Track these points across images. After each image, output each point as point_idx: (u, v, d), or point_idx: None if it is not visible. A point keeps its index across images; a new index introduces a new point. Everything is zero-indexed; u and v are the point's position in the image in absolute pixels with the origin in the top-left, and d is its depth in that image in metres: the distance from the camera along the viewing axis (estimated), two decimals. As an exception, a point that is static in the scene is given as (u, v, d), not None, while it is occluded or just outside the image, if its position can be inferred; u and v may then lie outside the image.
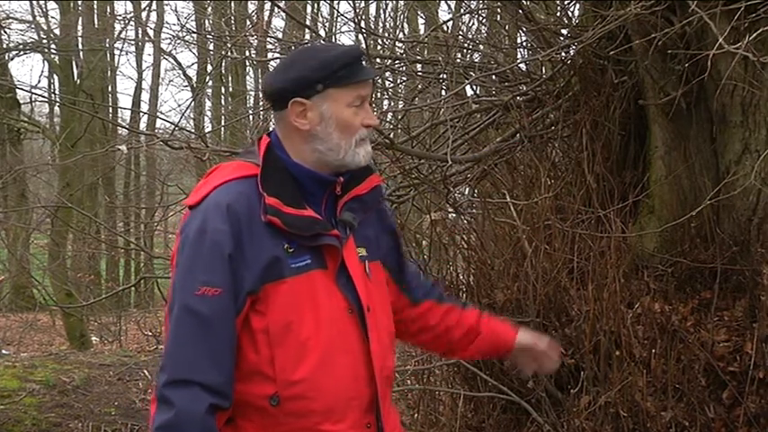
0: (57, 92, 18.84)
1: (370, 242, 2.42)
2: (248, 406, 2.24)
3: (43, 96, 19.49)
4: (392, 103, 8.23)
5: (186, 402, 2.12)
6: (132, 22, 19.80)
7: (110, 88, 20.35)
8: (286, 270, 2.22)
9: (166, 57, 19.93)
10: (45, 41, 18.66)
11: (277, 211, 2.20)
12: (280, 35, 13.22)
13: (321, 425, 2.23)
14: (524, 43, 6.38)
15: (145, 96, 21.45)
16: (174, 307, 2.20)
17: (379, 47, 7.90)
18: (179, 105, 26.34)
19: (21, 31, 18.88)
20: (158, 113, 18.20)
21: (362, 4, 10.33)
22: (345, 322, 2.28)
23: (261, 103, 15.19)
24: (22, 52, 18.43)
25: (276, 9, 13.08)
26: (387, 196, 2.52)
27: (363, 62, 2.34)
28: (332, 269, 2.28)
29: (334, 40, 11.57)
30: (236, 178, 2.27)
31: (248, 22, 12.34)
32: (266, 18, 14.60)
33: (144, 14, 20.40)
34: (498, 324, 2.72)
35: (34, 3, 18.36)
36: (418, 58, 6.39)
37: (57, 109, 19.78)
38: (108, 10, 19.11)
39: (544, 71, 5.79)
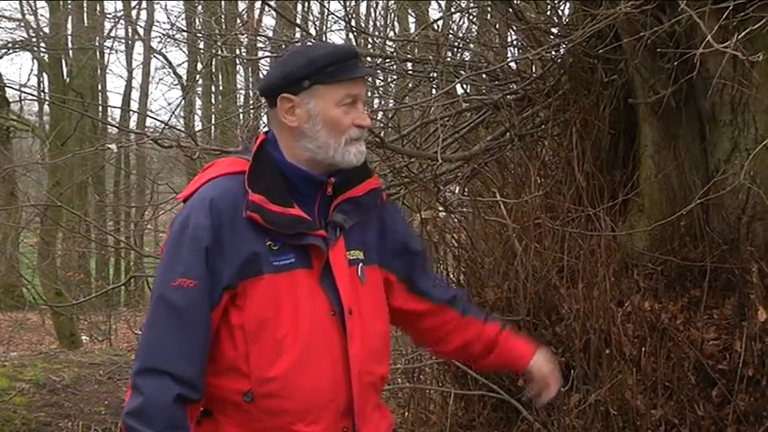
0: (46, 90, 18.79)
1: (368, 245, 2.40)
2: (224, 401, 2.25)
3: (33, 95, 19.44)
4: (382, 102, 8.23)
5: (154, 391, 2.15)
6: (122, 21, 19.75)
7: (100, 87, 20.27)
8: (265, 266, 2.21)
9: (156, 55, 19.87)
10: (34, 39, 18.59)
11: (259, 208, 2.20)
12: (270, 34, 13.18)
13: (294, 425, 2.23)
14: (514, 42, 6.39)
15: (135, 95, 21.39)
16: (152, 297, 2.24)
17: (369, 45, 7.89)
18: (169, 104, 26.41)
19: (10, 29, 18.78)
20: (148, 112, 18.18)
21: (353, 3, 10.32)
22: (327, 324, 2.26)
23: (251, 102, 15.20)
24: (11, 50, 18.35)
25: (266, 7, 13.05)
26: (378, 204, 2.47)
27: (355, 61, 2.31)
28: (317, 269, 2.27)
29: (324, 38, 11.56)
30: (227, 174, 2.29)
31: (238, 21, 12.33)
32: (257, 16, 14.57)
33: (134, 13, 20.36)
34: (517, 344, 2.66)
35: (23, 1, 18.33)
36: (409, 56, 6.39)
37: (46, 107, 19.70)
38: (98, 8, 19.03)
39: (534, 70, 5.79)
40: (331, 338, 2.26)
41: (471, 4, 7.25)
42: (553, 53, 5.23)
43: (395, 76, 6.92)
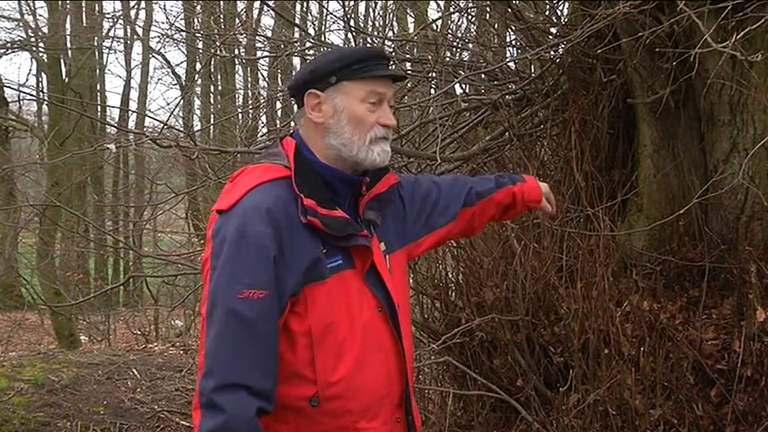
0: (45, 90, 18.78)
1: (388, 233, 2.45)
2: (284, 408, 2.24)
3: (31, 95, 19.43)
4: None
5: (236, 407, 2.10)
6: (121, 21, 19.77)
7: (98, 87, 20.29)
8: (326, 271, 2.23)
9: (155, 55, 19.91)
10: (33, 39, 18.56)
11: (315, 213, 2.22)
12: (269, 34, 13.18)
13: (357, 423, 2.27)
14: (513, 42, 6.39)
15: (134, 95, 21.47)
16: (216, 311, 2.17)
17: (368, 45, 7.89)
18: (168, 104, 26.31)
19: (8, 29, 18.80)
20: (147, 112, 18.19)
21: (352, 3, 10.34)
22: (376, 320, 2.31)
23: (250, 102, 15.19)
24: (9, 50, 18.32)
25: (265, 7, 13.06)
26: (394, 198, 2.54)
27: (383, 62, 2.35)
28: (360, 269, 2.30)
29: (323, 38, 11.55)
30: (269, 180, 2.27)
31: (237, 21, 12.32)
32: (255, 16, 14.59)
33: (132, 13, 20.41)
34: (527, 187, 2.93)
35: (22, 1, 18.29)
36: (407, 56, 6.39)
37: (45, 107, 19.73)
38: (96, 8, 19.05)
39: (533, 70, 5.80)
40: (381, 335, 2.32)
41: (470, 4, 7.24)
42: (552, 53, 5.23)
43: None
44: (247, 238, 2.16)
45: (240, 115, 11.64)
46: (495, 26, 6.61)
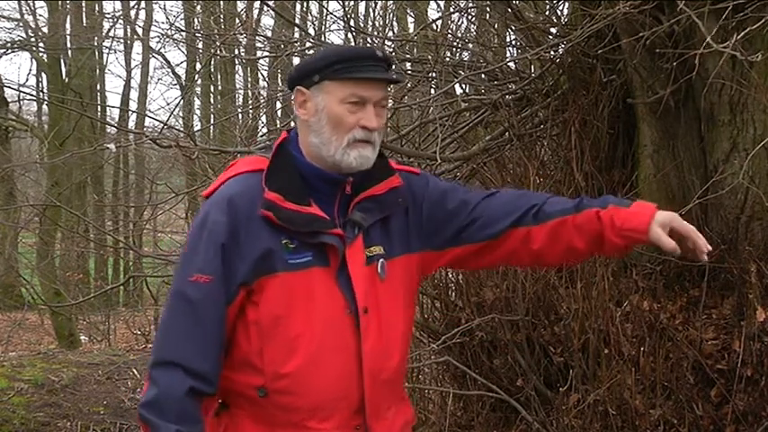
0: (45, 90, 18.75)
1: (391, 237, 2.38)
2: (239, 395, 2.29)
3: (31, 95, 19.41)
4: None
5: (168, 383, 2.19)
6: (121, 21, 19.74)
7: (98, 86, 20.25)
8: (279, 264, 2.23)
9: (155, 55, 19.87)
10: (33, 39, 18.55)
11: (273, 206, 2.22)
12: (269, 33, 13.18)
13: (307, 421, 2.25)
14: (513, 42, 6.39)
15: (134, 95, 21.38)
16: (171, 291, 2.28)
17: (368, 45, 7.89)
18: (168, 104, 26.28)
19: (8, 29, 18.80)
20: (147, 112, 18.15)
21: (352, 3, 10.34)
22: (342, 322, 2.27)
23: (250, 102, 15.19)
24: (9, 50, 18.32)
25: (265, 7, 13.06)
26: (401, 201, 2.44)
27: (370, 63, 2.28)
28: (333, 268, 2.28)
29: (323, 38, 11.56)
30: (247, 171, 2.32)
31: (237, 21, 12.32)
32: (255, 16, 14.58)
33: (132, 13, 20.36)
34: (624, 212, 2.37)
35: (22, 1, 18.28)
36: (407, 56, 6.39)
37: (45, 107, 19.69)
38: (96, 8, 19.03)
39: (533, 70, 5.80)
40: (345, 337, 2.27)
41: (470, 4, 7.24)
42: (552, 53, 5.23)
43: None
44: (206, 226, 2.24)
45: (240, 115, 11.65)
46: (495, 26, 6.61)
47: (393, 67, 2.37)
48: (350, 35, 7.72)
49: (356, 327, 2.28)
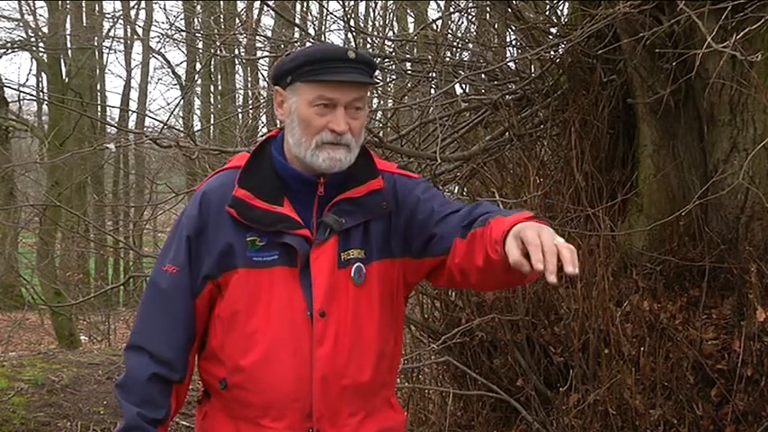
0: (45, 90, 18.76)
1: (370, 241, 2.33)
2: (208, 384, 2.38)
3: (31, 95, 19.43)
4: (381, 102, 8.23)
5: (134, 367, 2.30)
6: (121, 21, 19.75)
7: (98, 86, 20.26)
8: (240, 260, 2.25)
9: (155, 55, 19.89)
10: (33, 39, 18.55)
11: (240, 203, 2.26)
12: (269, 34, 13.18)
13: (261, 419, 2.27)
14: (513, 42, 6.39)
15: (134, 95, 21.43)
16: (149, 280, 2.38)
17: (368, 45, 7.90)
18: (168, 104, 26.34)
19: (8, 29, 18.80)
20: (147, 112, 18.18)
21: (352, 3, 10.33)
22: (299, 324, 2.25)
23: (250, 102, 15.19)
24: (9, 50, 18.32)
25: (265, 7, 13.06)
26: (384, 206, 2.36)
27: (339, 65, 2.24)
28: (299, 268, 2.27)
29: (323, 38, 11.56)
30: (229, 168, 2.37)
31: (237, 21, 12.32)
32: (255, 16, 14.58)
33: (133, 13, 20.38)
34: (498, 222, 2.11)
35: (22, 1, 18.28)
36: (407, 56, 6.39)
37: (45, 107, 19.70)
38: (96, 8, 19.03)
39: (533, 70, 5.80)
40: (301, 339, 2.25)
41: (470, 4, 7.24)
42: (552, 53, 5.23)
43: (394, 76, 6.92)
44: (181, 220, 2.34)
45: (240, 115, 11.66)
46: (495, 26, 6.61)
47: (372, 66, 2.30)
48: (350, 35, 7.70)
49: (311, 329, 2.26)
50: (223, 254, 2.26)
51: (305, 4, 13.89)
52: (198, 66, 17.24)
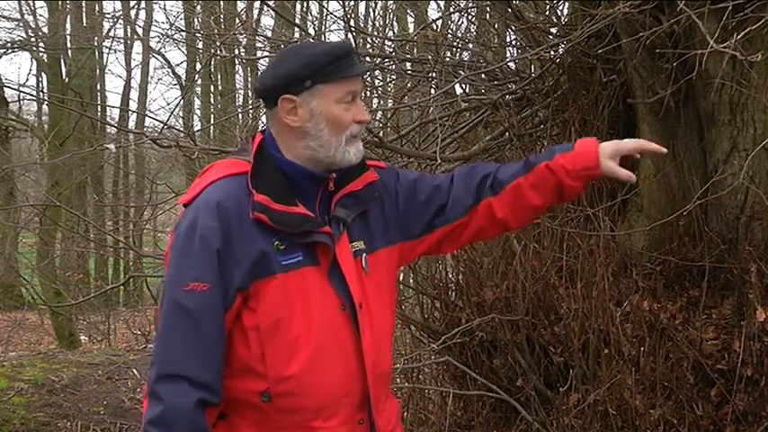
0: (45, 90, 18.76)
1: (371, 231, 2.40)
2: (240, 402, 2.26)
3: (31, 95, 19.43)
4: (381, 102, 8.23)
5: (174, 397, 2.14)
6: (121, 21, 19.74)
7: (98, 86, 20.26)
8: (276, 266, 2.22)
9: (155, 55, 19.88)
10: (33, 39, 18.55)
11: (265, 208, 2.21)
12: (269, 33, 13.18)
13: (312, 421, 2.25)
14: (513, 42, 6.39)
15: (134, 95, 21.42)
16: (164, 302, 2.22)
17: (368, 45, 7.89)
18: (168, 104, 26.28)
19: (8, 29, 18.80)
20: (147, 112, 18.17)
21: (352, 3, 10.33)
22: (338, 319, 2.28)
23: (250, 102, 15.18)
24: (9, 50, 18.32)
25: (265, 7, 13.06)
26: (376, 196, 2.45)
27: (353, 58, 2.32)
28: (324, 266, 2.28)
29: (323, 38, 11.55)
30: (228, 176, 2.29)
31: (237, 21, 12.31)
32: (255, 16, 14.58)
33: (133, 13, 20.37)
34: (571, 155, 2.45)
35: (22, 1, 18.28)
36: (407, 56, 6.39)
37: (45, 107, 19.70)
38: (96, 8, 19.02)
39: (533, 70, 5.80)
40: (343, 334, 2.28)
41: (470, 4, 7.25)
42: (552, 53, 5.23)
43: (394, 76, 6.92)
44: (196, 232, 2.20)
45: (240, 115, 11.64)
46: (495, 26, 6.61)
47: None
48: (350, 35, 7.71)
49: (351, 323, 2.29)
50: (256, 262, 2.20)
51: (305, 4, 13.90)
52: (198, 66, 17.24)
